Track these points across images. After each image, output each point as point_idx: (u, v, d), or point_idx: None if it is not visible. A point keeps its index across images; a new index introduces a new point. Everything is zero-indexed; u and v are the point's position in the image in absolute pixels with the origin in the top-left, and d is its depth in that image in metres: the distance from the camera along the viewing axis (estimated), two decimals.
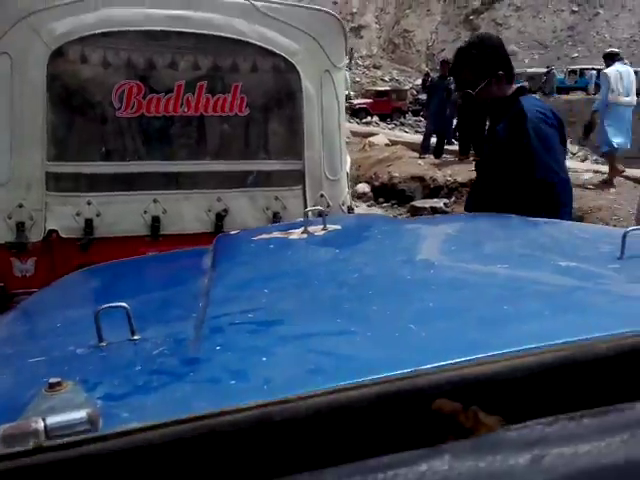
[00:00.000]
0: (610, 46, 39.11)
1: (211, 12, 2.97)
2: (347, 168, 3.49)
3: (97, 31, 2.83)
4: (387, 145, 13.78)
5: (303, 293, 1.17)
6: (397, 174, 10.95)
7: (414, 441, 0.41)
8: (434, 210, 9.50)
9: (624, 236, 1.13)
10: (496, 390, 0.44)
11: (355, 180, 12.00)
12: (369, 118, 28.08)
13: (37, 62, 2.76)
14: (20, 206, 2.82)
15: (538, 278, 1.10)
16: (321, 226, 1.60)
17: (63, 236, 2.89)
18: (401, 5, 50.32)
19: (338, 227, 1.65)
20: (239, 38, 2.99)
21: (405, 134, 21.45)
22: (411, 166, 11.18)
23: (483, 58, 2.42)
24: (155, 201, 3.00)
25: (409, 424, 0.42)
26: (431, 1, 48.36)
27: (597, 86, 31.06)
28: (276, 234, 1.66)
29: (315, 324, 0.99)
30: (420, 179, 10.54)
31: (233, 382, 0.82)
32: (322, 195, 3.06)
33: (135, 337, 0.97)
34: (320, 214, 1.69)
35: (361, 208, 10.68)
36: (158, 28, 2.92)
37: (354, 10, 51.28)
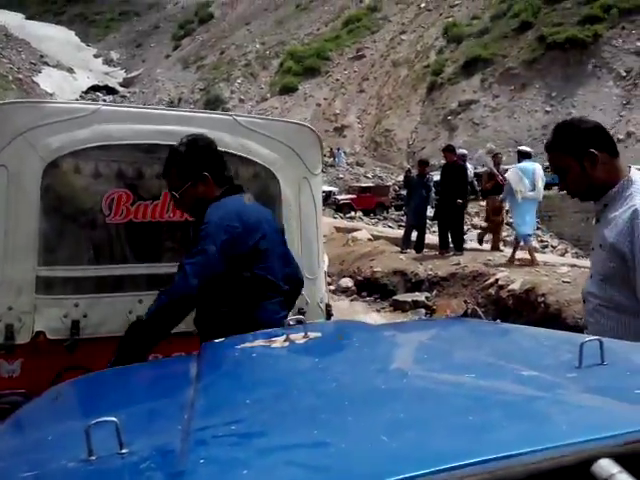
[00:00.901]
0: None
1: (197, 127, 3.12)
2: (325, 267, 3.66)
3: (89, 145, 3.04)
4: (370, 240, 14.06)
5: (283, 404, 1.22)
6: (379, 269, 11.10)
7: None
8: (416, 303, 9.60)
9: (581, 345, 1.22)
10: None
11: (339, 274, 12.14)
12: (353, 213, 28.63)
13: (32, 174, 2.95)
14: (10, 309, 2.91)
15: (501, 388, 1.17)
16: (302, 334, 1.67)
17: (50, 337, 2.96)
18: (382, 106, 52.49)
19: (318, 334, 1.71)
20: (223, 150, 3.12)
21: (388, 229, 21.91)
22: (393, 261, 11.36)
23: (189, 159, 2.52)
24: (140, 302, 3.06)
25: None
26: (411, 103, 50.50)
27: None
28: (259, 342, 1.72)
29: (293, 436, 1.05)
30: (402, 273, 10.69)
31: None
32: (301, 294, 3.17)
33: (124, 451, 1.01)
34: (300, 322, 1.76)
35: (344, 302, 10.75)
36: (147, 142, 3.15)
37: (337, 111, 53.39)
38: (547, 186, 10.70)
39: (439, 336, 1.81)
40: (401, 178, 28.80)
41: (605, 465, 0.71)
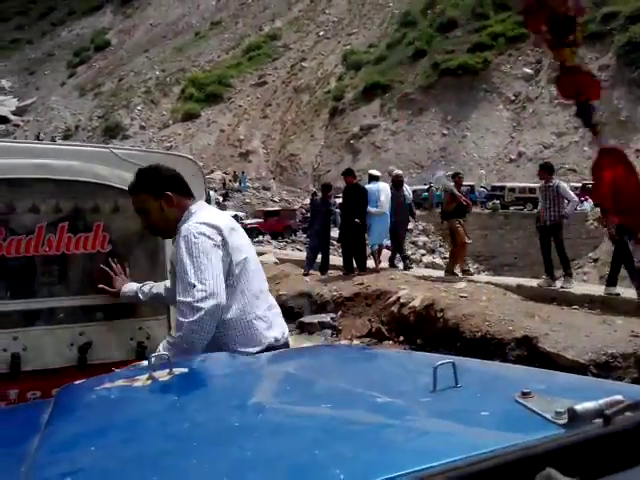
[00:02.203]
0: (479, 165, 42.77)
1: (74, 159, 3.14)
2: None
3: None
4: (276, 264, 14.01)
5: (128, 449, 1.17)
6: (285, 292, 11.08)
7: None
8: (322, 325, 9.65)
9: (435, 369, 1.22)
10: None
11: None
12: (260, 237, 28.61)
13: None
14: None
15: (354, 417, 1.16)
16: (167, 370, 1.61)
17: None
18: (286, 131, 53.01)
19: (185, 370, 1.66)
20: (99, 182, 3.14)
21: (296, 252, 21.98)
22: (298, 283, 11.39)
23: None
24: (15, 338, 3.00)
25: None
26: (314, 127, 51.29)
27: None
28: (120, 382, 1.64)
29: None
30: (307, 295, 10.73)
31: None
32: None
33: None
34: (168, 358, 1.70)
35: None
36: (20, 176, 3.05)
37: (241, 137, 53.44)
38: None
39: (304, 365, 1.81)
40: (307, 201, 29.11)
41: None
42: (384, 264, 12.30)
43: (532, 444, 0.90)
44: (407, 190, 12.34)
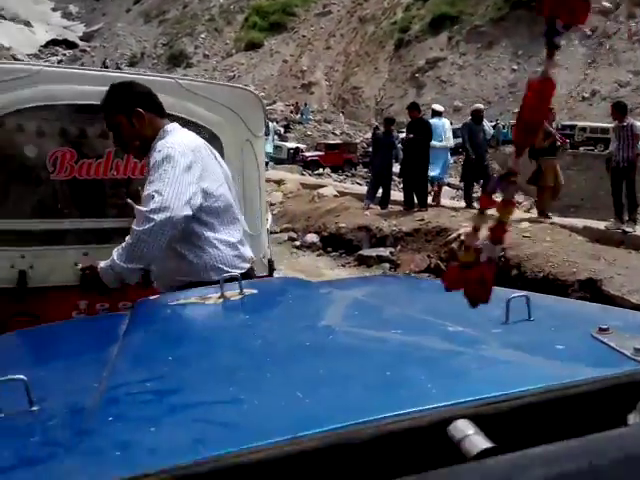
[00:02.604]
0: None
1: None
2: (268, 225, 3.88)
3: (32, 104, 3.11)
4: (336, 196, 13.99)
5: (204, 362, 1.21)
6: (345, 224, 11.12)
7: None
8: (380, 259, 9.68)
9: (508, 301, 1.21)
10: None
11: (304, 230, 12.13)
12: (321, 170, 28.51)
13: None
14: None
15: (424, 343, 1.17)
16: (237, 291, 1.64)
17: None
18: (349, 63, 51.88)
19: (254, 291, 1.68)
20: (167, 111, 3.24)
21: (356, 186, 21.85)
22: (358, 217, 11.39)
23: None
24: (85, 254, 3.20)
25: None
26: (378, 60, 49.99)
27: None
28: (193, 299, 1.68)
29: (209, 393, 1.03)
30: (367, 229, 10.73)
31: (118, 453, 0.85)
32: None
33: (33, 408, 0.99)
34: (239, 279, 1.71)
35: (310, 258, 10.77)
36: (89, 102, 3.13)
37: (304, 68, 52.58)
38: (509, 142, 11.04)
39: (372, 293, 1.79)
40: (369, 135, 28.68)
41: (461, 426, 0.70)
42: (446, 201, 12.09)
43: (613, 377, 0.89)
44: (487, 125, 11.93)
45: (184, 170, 2.38)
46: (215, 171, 2.61)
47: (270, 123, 21.96)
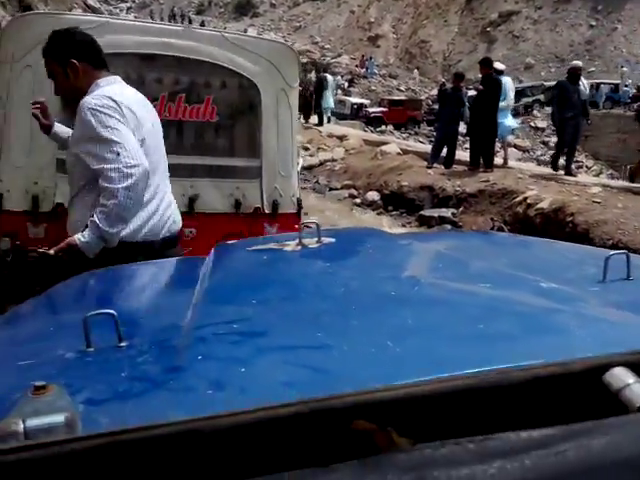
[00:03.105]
0: (627, 62, 38.96)
1: (191, 41, 3.81)
2: (298, 168, 4.36)
3: None
4: (399, 154, 13.77)
5: (289, 306, 1.20)
6: (407, 183, 10.96)
7: (334, 456, 0.44)
8: (442, 219, 9.52)
9: (607, 259, 1.15)
10: (411, 413, 0.46)
11: (365, 188, 12.04)
12: (384, 127, 28.07)
13: None
14: (36, 183, 3.67)
15: (517, 298, 1.12)
16: (316, 239, 1.63)
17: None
18: (418, 16, 50.38)
19: (332, 240, 1.67)
20: (212, 61, 3.83)
21: (418, 144, 21.47)
22: (421, 175, 11.20)
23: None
24: None
25: (330, 442, 0.45)
26: (449, 12, 48.37)
27: (610, 100, 30.23)
28: (272, 245, 1.68)
29: (296, 337, 1.02)
30: (429, 189, 10.56)
31: (210, 392, 0.84)
32: (276, 188, 4.07)
33: (122, 344, 1.00)
34: (317, 227, 1.71)
35: (370, 215, 10.71)
36: (149, 51, 3.72)
37: (371, 19, 51.40)
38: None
39: (456, 246, 1.75)
40: (435, 92, 27.97)
41: (619, 374, 0.65)
42: (512, 163, 11.62)
43: None
44: (583, 85, 10.85)
45: (122, 126, 2.36)
46: (148, 126, 2.57)
47: (329, 76, 21.56)
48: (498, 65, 11.64)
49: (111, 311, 0.98)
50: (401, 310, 1.10)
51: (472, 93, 12.21)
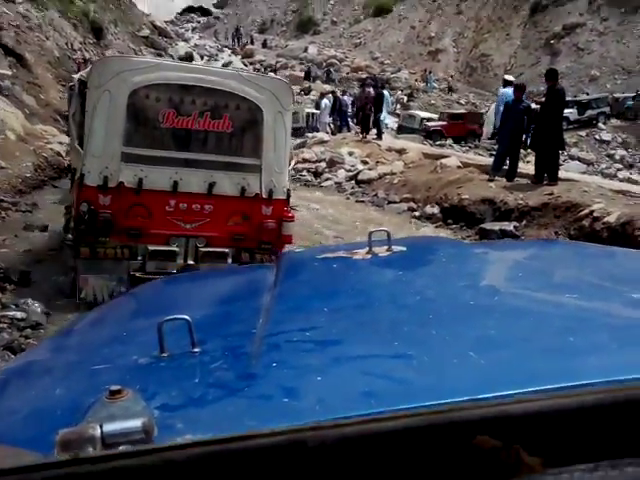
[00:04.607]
0: None
1: (215, 77, 5.69)
2: (290, 167, 6.17)
3: (153, 82, 5.36)
4: (459, 167, 13.51)
5: (362, 314, 1.16)
6: (467, 196, 10.75)
7: (456, 476, 0.40)
8: (504, 233, 9.24)
9: None
10: (538, 430, 0.42)
11: (425, 201, 11.89)
12: (443, 140, 27.75)
13: (123, 97, 5.26)
14: (107, 168, 5.32)
15: (607, 310, 1.05)
16: (386, 247, 1.59)
17: (127, 185, 5.37)
18: (480, 29, 49.80)
19: (403, 248, 1.62)
20: (230, 91, 5.58)
21: (479, 157, 21.09)
22: (482, 188, 10.94)
23: None
24: (176, 173, 5.50)
25: (447, 459, 0.41)
26: (511, 26, 47.65)
27: None
28: (340, 253, 1.65)
29: (373, 346, 0.98)
30: (490, 202, 10.30)
31: (286, 400, 0.82)
32: (271, 180, 5.71)
33: (195, 349, 0.99)
34: (388, 235, 1.65)
35: (429, 229, 10.56)
36: (187, 83, 5.47)
37: (432, 34, 51.16)
38: None
39: (535, 255, 1.68)
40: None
41: None
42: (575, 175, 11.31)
43: None
44: None
45: None
46: None
47: (386, 92, 21.41)
48: (508, 77, 12.55)
49: (186, 317, 0.98)
50: (482, 320, 1.04)
51: (534, 106, 11.89)
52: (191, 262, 5.63)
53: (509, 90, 12.30)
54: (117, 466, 0.42)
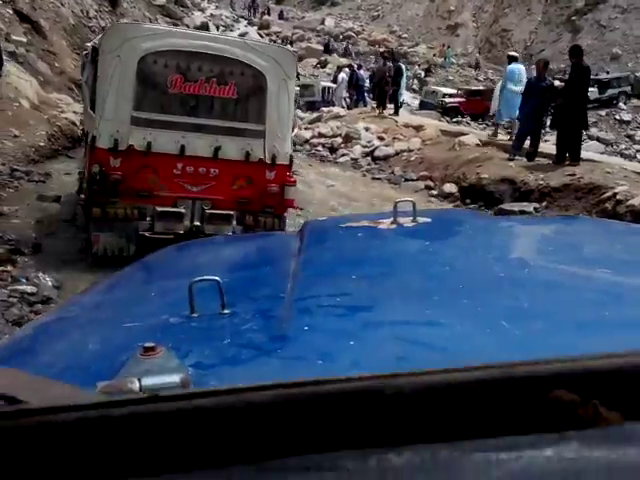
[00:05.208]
0: None
1: (222, 44, 5.88)
2: (293, 134, 6.41)
3: (162, 49, 5.55)
4: (477, 145, 13.31)
5: (391, 282, 1.15)
6: (486, 175, 10.60)
7: (531, 427, 0.40)
8: (523, 214, 9.12)
9: None
10: (616, 386, 0.41)
11: (443, 179, 11.77)
12: (459, 117, 27.42)
13: (132, 62, 5.45)
14: (117, 131, 5.52)
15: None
16: (410, 218, 1.56)
17: (136, 148, 5.55)
18: (500, 4, 48.89)
19: (428, 220, 1.60)
20: (236, 58, 5.76)
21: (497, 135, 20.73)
22: (502, 168, 10.75)
23: None
24: (183, 137, 5.69)
25: (525, 411, 0.41)
26: (532, 1, 46.75)
27: None
28: (365, 223, 1.63)
29: (404, 312, 0.97)
30: (510, 182, 10.14)
31: (320, 362, 0.81)
32: (274, 146, 5.90)
33: (226, 311, 0.98)
34: (414, 205, 1.62)
35: (447, 207, 10.46)
36: (194, 50, 5.64)
37: (452, 8, 50.31)
38: None
39: (563, 230, 1.64)
40: None
41: None
42: (595, 155, 11.23)
43: None
44: None
45: None
46: None
47: (402, 65, 20.92)
48: (512, 53, 13.30)
49: (216, 278, 0.96)
50: (513, 292, 1.02)
51: (557, 83, 11.65)
52: (197, 223, 5.82)
53: (515, 67, 12.58)
54: (198, 405, 0.41)
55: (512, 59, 13.24)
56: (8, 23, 16.28)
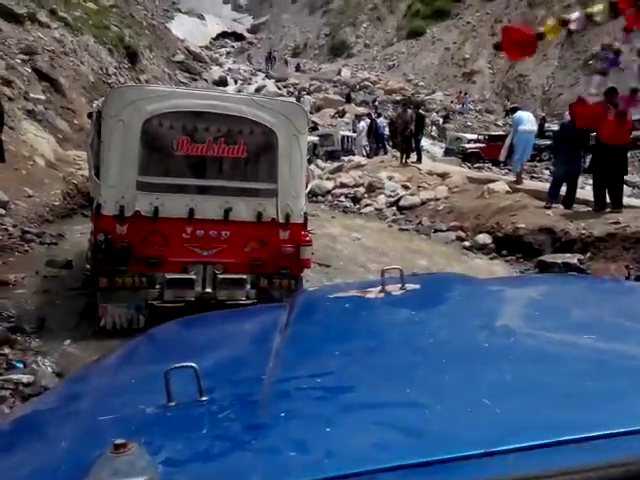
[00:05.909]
0: None
1: (228, 102, 5.65)
2: (307, 190, 6.07)
3: (168, 110, 5.34)
4: (508, 192, 12.73)
5: (374, 358, 1.15)
6: (523, 225, 9.98)
7: None
8: (567, 266, 8.45)
9: None
10: None
11: (474, 229, 11.17)
12: (481, 163, 26.96)
13: (137, 125, 5.27)
14: (123, 197, 5.31)
15: (628, 352, 1.03)
16: (399, 285, 1.57)
17: (143, 214, 5.36)
18: None
19: (416, 287, 1.60)
20: (243, 116, 5.53)
21: (526, 181, 20.18)
22: (538, 216, 10.15)
23: None
24: (192, 200, 5.48)
25: None
26: (548, 46, 46.82)
27: None
28: (353, 292, 1.65)
29: (384, 394, 0.96)
30: (549, 231, 9.50)
31: (293, 454, 0.80)
32: (288, 204, 5.67)
33: (203, 398, 0.97)
34: (401, 273, 1.63)
35: (482, 261, 9.82)
36: (199, 110, 5.46)
37: (467, 56, 50.65)
38: None
39: (552, 292, 1.65)
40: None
41: None
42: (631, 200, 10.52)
43: None
44: None
45: None
46: None
47: (423, 113, 20.47)
48: (511, 105, 13.73)
49: (192, 364, 0.96)
50: (497, 364, 1.02)
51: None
52: (209, 290, 5.53)
53: (522, 113, 13.22)
54: None
55: (515, 109, 14.47)
56: (27, 82, 16.29)
